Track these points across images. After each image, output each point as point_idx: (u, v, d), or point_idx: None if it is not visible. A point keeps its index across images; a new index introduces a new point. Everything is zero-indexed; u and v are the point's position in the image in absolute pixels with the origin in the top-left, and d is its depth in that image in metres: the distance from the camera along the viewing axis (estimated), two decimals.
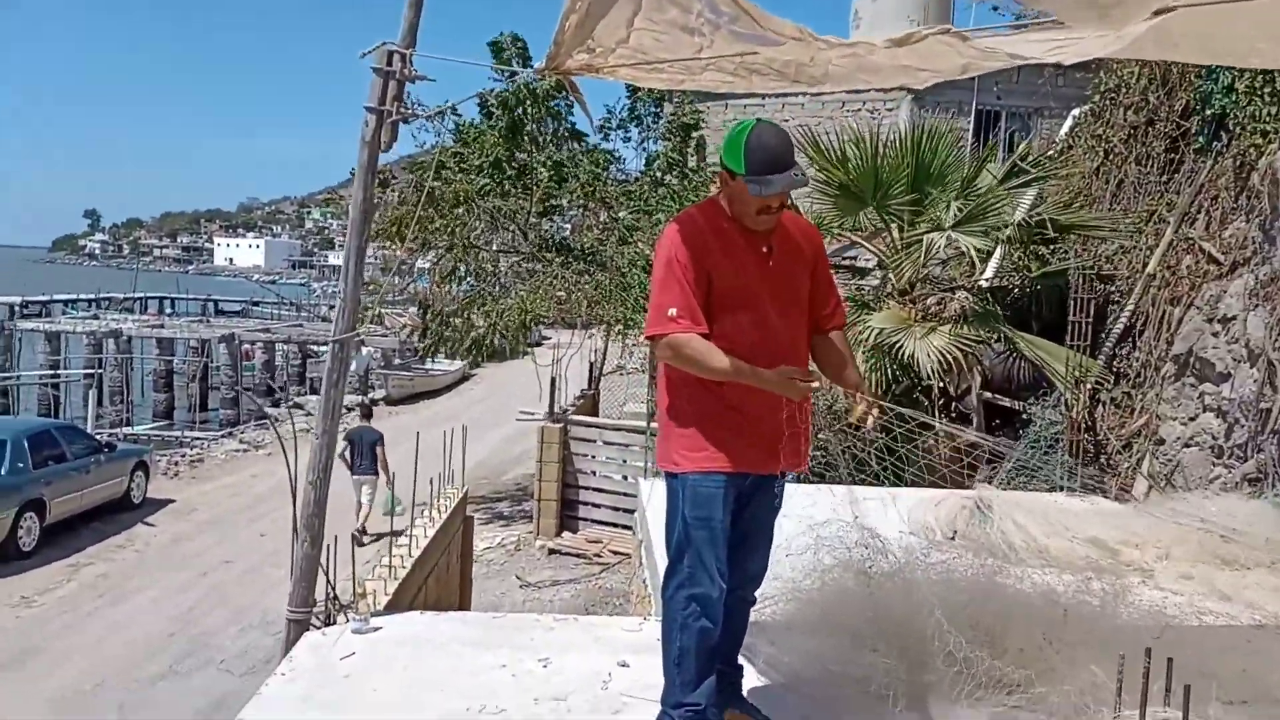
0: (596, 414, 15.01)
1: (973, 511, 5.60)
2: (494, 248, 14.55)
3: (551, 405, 12.16)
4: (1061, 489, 7.47)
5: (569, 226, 16.64)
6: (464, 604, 6.32)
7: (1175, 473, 7.49)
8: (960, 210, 8.62)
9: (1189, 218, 8.72)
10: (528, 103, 13.20)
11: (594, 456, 11.90)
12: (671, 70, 3.27)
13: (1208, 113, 8.64)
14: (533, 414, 12.56)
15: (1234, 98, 7.93)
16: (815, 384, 2.93)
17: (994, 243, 8.55)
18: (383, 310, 20.19)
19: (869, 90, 16.80)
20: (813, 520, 4.66)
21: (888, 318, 8.35)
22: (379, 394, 29.16)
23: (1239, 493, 6.30)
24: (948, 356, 7.77)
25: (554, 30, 3.13)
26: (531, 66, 15.64)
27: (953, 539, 5.00)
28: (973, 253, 8.45)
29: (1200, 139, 8.76)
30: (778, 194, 2.93)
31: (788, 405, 3.02)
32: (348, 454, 13.33)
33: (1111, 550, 5.27)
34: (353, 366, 30.67)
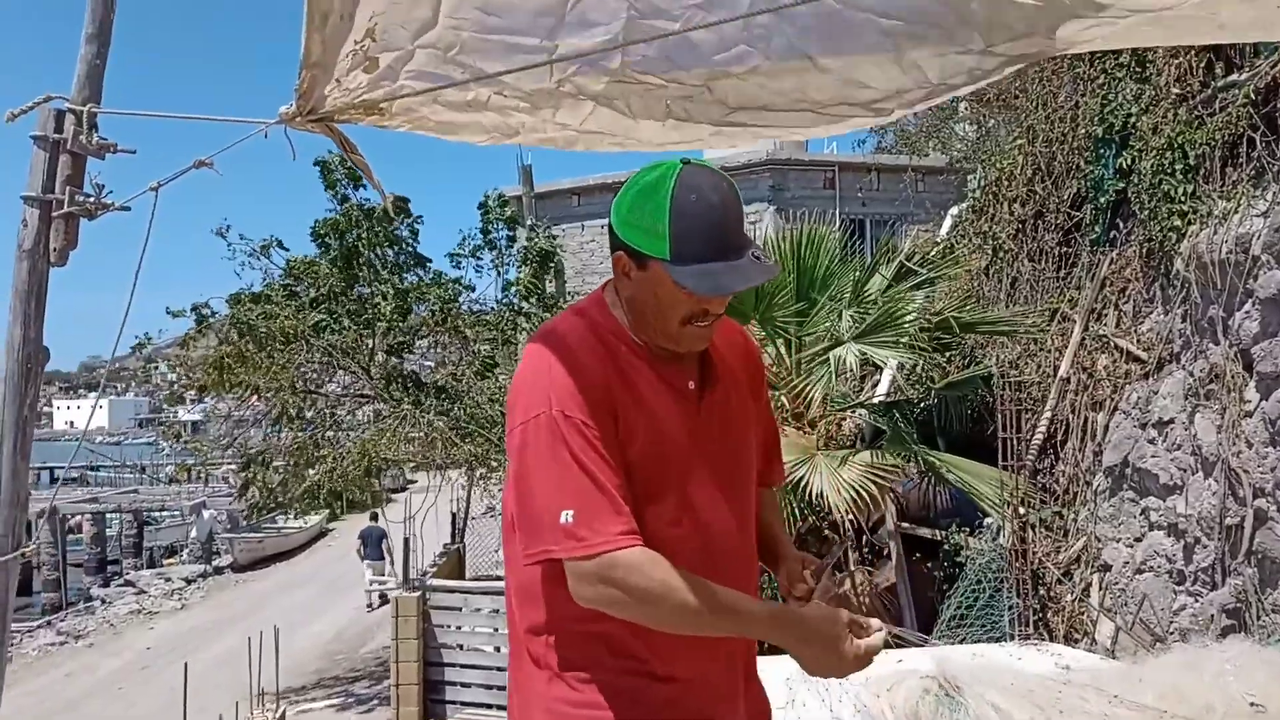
0: (462, 572, 13.33)
1: (938, 697, 4.35)
2: (332, 389, 12.98)
3: (406, 569, 10.48)
4: (1012, 637, 6.34)
5: (431, 364, 15.25)
6: None
7: (1141, 606, 6.45)
8: (855, 319, 7.65)
9: (1096, 314, 7.98)
10: (363, 227, 11.89)
11: (459, 627, 10.24)
12: (517, 108, 1.98)
13: (1101, 200, 8.01)
14: (385, 582, 10.88)
15: (1136, 179, 7.28)
16: (879, 638, 1.69)
17: (904, 354, 7.59)
18: (213, 467, 18.13)
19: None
20: None
21: (787, 448, 7.20)
22: (224, 561, 26.42)
23: (1245, 637, 5.25)
24: (863, 493, 6.62)
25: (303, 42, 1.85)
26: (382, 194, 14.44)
27: None
28: (891, 365, 7.48)
29: (1096, 229, 8.10)
30: (726, 294, 1.67)
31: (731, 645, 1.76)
32: (361, 548, 17.92)
33: None
34: (193, 533, 28.07)
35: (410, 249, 13.55)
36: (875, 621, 1.66)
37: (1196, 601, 6.20)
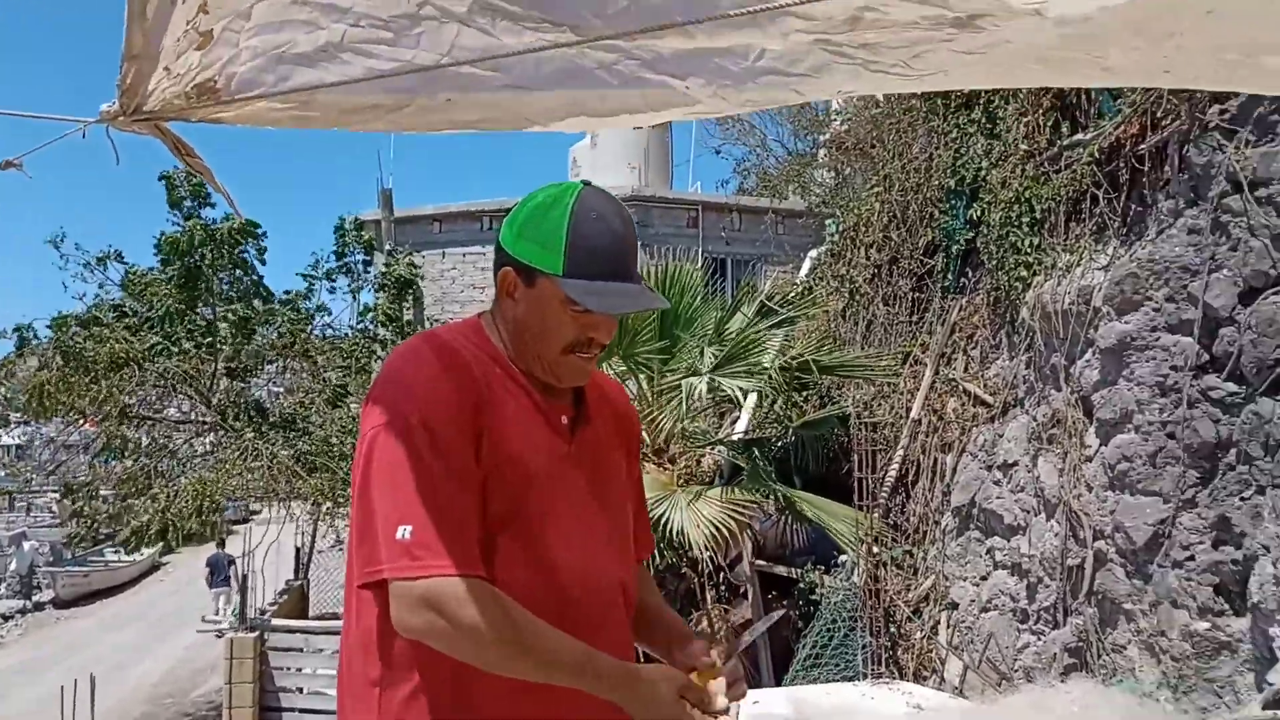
0: (305, 610, 12.73)
1: None
2: (171, 414, 12.25)
3: (243, 609, 9.92)
4: (864, 675, 6.41)
5: (281, 390, 14.60)
6: None
7: (987, 645, 6.62)
8: (716, 356, 7.69)
9: (946, 358, 8.24)
10: (208, 247, 11.30)
11: (300, 669, 9.73)
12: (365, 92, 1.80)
13: (952, 249, 8.31)
14: (219, 622, 10.27)
15: (985, 230, 7.56)
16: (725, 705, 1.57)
17: (760, 384, 7.66)
18: (36, 495, 16.92)
19: None
20: None
21: (648, 484, 7.12)
22: (45, 596, 24.56)
23: (1086, 676, 5.42)
24: (722, 529, 6.61)
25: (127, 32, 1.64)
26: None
27: None
28: (739, 396, 7.52)
29: (948, 276, 8.39)
30: (612, 317, 1.62)
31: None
32: (209, 575, 17.54)
33: None
34: (11, 565, 25.99)
35: (255, 277, 12.97)
36: (723, 694, 1.56)
37: (1039, 640, 6.40)
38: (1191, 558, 5.36)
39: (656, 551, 7.06)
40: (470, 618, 1.43)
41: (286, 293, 13.42)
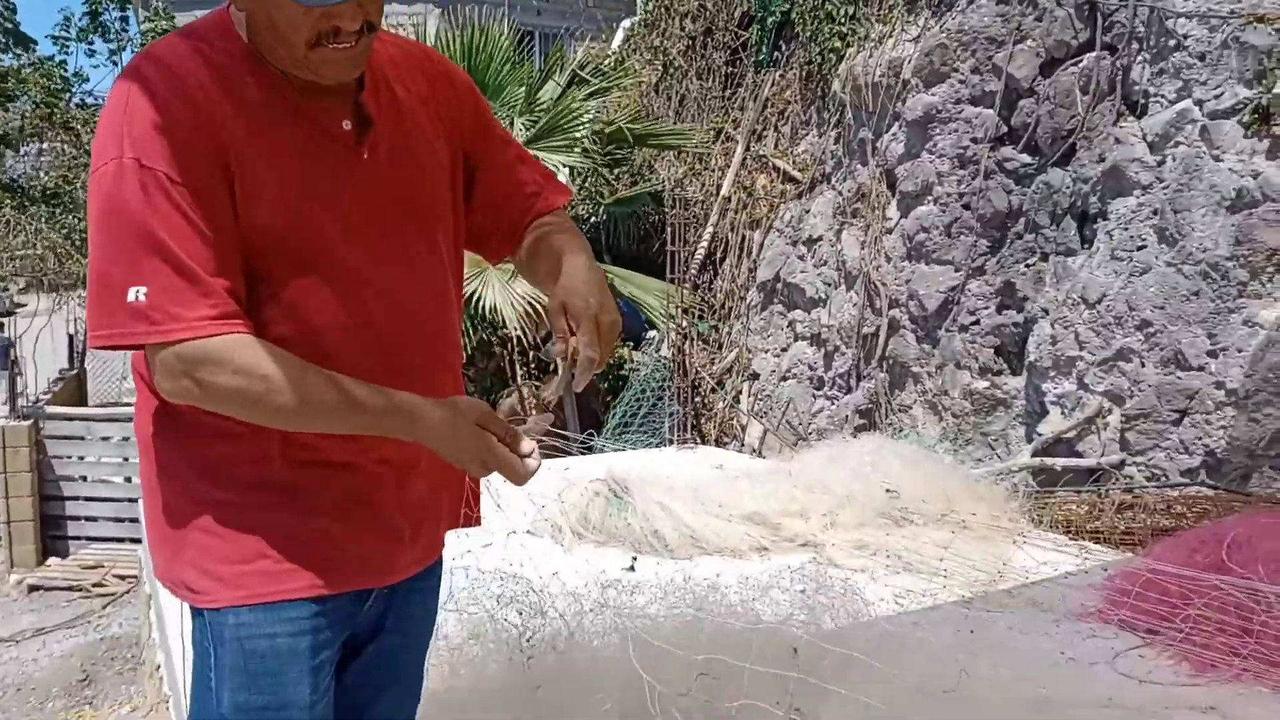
0: (84, 400, 11.97)
1: (607, 499, 4.39)
2: None
3: (13, 397, 9.20)
4: (671, 442, 6.61)
5: (40, 170, 13.15)
6: None
7: (785, 410, 6.91)
8: (527, 126, 7.35)
9: (757, 135, 8.20)
10: None
11: (82, 457, 9.19)
12: None
13: (768, 22, 8.12)
14: None
15: (800, 0, 7.39)
16: (535, 462, 1.39)
17: (577, 158, 7.39)
18: None
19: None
20: None
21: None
22: None
23: (875, 434, 5.74)
24: (535, 306, 6.50)
25: None
26: None
27: (632, 568, 3.72)
28: (556, 169, 7.26)
29: (762, 50, 8.23)
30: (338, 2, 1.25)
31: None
32: None
33: (773, 525, 4.35)
34: None
35: (9, 24, 11.42)
36: (531, 449, 1.41)
37: (833, 404, 6.73)
38: (977, 322, 5.67)
39: (470, 329, 6.93)
40: (228, 382, 1.25)
41: (44, 59, 11.88)
